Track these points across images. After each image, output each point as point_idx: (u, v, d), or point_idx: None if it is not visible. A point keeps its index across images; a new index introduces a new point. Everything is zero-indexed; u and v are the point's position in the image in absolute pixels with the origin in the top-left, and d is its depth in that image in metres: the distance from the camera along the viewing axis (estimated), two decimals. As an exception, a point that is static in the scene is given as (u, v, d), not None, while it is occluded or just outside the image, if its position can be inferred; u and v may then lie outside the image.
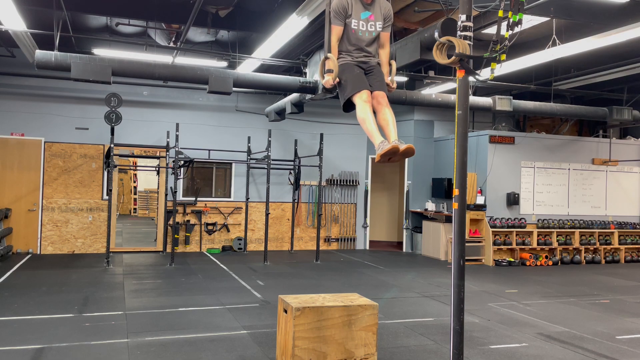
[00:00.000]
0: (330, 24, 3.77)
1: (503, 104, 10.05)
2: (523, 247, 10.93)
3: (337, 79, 3.72)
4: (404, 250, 12.53)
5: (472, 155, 11.21)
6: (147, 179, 19.15)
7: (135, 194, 20.02)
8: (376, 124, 3.58)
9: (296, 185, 11.44)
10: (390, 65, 3.89)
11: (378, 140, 3.52)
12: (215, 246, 11.45)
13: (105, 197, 10.44)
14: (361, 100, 3.63)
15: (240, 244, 11.48)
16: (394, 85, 3.88)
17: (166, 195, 10.80)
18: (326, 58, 3.74)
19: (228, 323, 5.70)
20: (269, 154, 10.32)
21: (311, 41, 8.21)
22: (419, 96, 9.83)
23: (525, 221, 11.10)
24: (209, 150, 10.89)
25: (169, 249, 10.57)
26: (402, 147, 3.37)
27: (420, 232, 12.09)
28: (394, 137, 3.53)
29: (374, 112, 3.68)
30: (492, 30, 6.44)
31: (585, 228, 11.53)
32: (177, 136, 9.98)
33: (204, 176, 11.57)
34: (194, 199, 11.26)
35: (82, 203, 10.54)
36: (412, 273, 9.37)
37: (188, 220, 11.22)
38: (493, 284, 8.57)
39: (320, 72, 3.86)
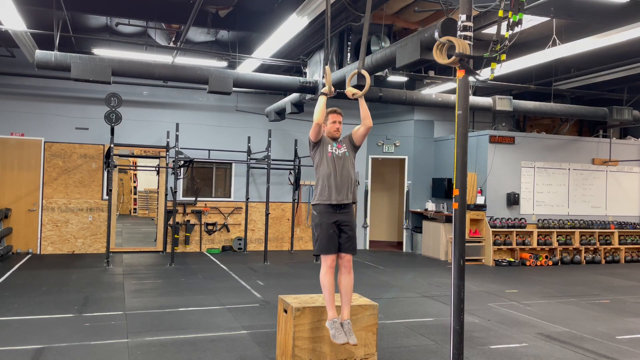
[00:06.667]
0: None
1: (503, 104, 10.05)
2: (523, 247, 10.92)
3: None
4: (404, 250, 12.53)
5: (472, 155, 11.20)
6: (147, 179, 19.15)
7: (135, 194, 20.02)
8: (333, 293, 3.99)
9: (296, 185, 11.44)
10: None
11: (331, 314, 3.94)
12: (215, 246, 11.44)
13: (105, 197, 10.43)
14: (326, 265, 4.05)
15: (240, 244, 11.47)
16: (347, 91, 4.28)
17: (166, 195, 10.80)
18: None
19: (228, 323, 5.70)
20: (269, 154, 10.31)
21: (311, 41, 8.20)
22: (419, 96, 9.83)
23: (525, 221, 11.10)
24: (209, 150, 10.89)
25: (169, 249, 10.57)
26: (352, 342, 3.80)
27: (420, 232, 12.09)
28: (347, 315, 3.95)
29: (339, 264, 4.10)
30: (492, 30, 6.44)
31: (585, 228, 11.52)
32: (177, 136, 9.98)
33: (204, 176, 11.57)
34: (194, 199, 11.26)
35: (82, 203, 10.54)
36: (412, 273, 9.36)
37: (188, 220, 11.21)
38: (493, 284, 8.57)
39: (327, 83, 4.22)
